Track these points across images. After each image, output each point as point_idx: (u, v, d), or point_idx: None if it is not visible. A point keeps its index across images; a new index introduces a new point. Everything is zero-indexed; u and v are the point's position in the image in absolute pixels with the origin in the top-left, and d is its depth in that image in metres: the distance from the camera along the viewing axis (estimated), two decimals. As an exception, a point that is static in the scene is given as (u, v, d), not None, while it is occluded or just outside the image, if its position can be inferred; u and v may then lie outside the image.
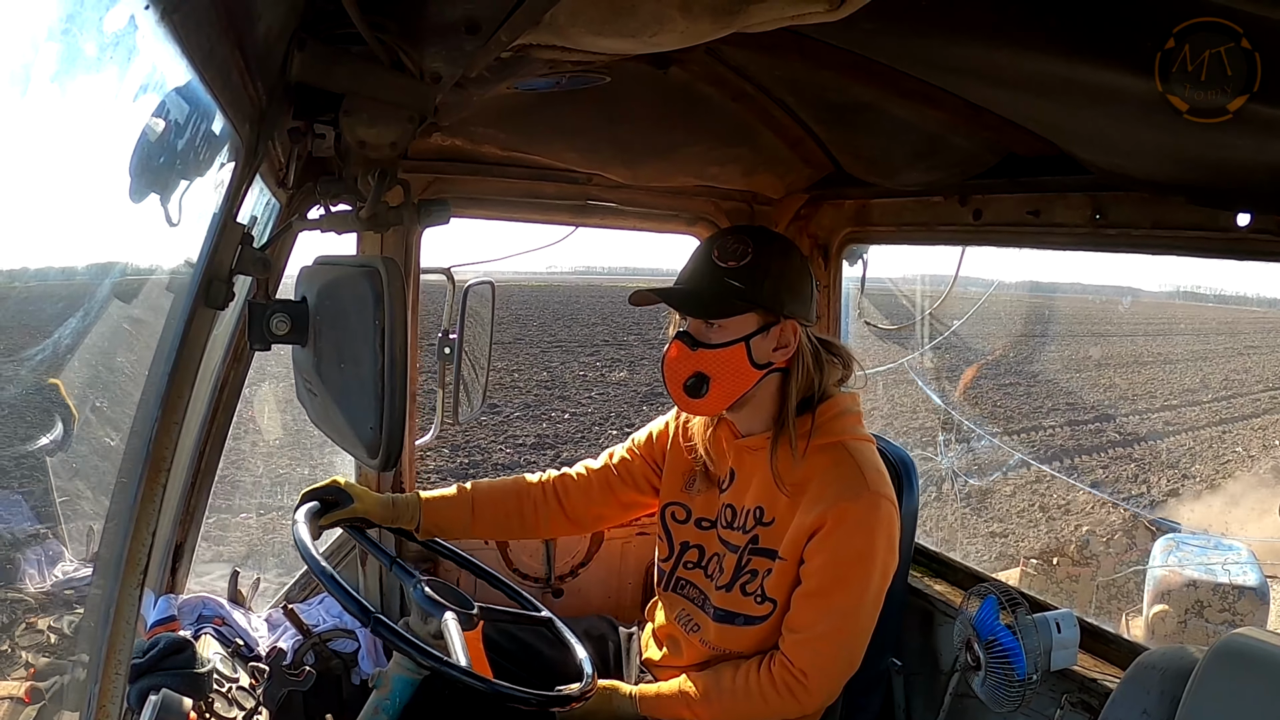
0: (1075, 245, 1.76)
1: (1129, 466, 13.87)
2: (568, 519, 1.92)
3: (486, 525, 1.87)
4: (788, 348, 1.63)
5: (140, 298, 1.33)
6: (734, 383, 1.62)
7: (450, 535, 1.84)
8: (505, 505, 1.88)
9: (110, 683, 0.94)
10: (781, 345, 1.63)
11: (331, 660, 1.92)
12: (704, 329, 1.62)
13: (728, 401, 1.65)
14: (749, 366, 1.61)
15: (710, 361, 1.61)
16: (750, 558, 1.68)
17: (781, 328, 1.62)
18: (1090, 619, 1.91)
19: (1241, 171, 1.25)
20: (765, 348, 1.62)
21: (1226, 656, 1.22)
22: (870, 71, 1.43)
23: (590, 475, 1.93)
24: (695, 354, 1.61)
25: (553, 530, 1.98)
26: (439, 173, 1.99)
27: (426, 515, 1.80)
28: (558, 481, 1.92)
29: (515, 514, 1.88)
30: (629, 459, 1.92)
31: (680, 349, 1.63)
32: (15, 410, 1.71)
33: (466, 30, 0.95)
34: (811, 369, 1.65)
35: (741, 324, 1.60)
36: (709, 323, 1.61)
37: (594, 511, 1.93)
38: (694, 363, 1.61)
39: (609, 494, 1.92)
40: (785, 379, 1.65)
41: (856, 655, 1.64)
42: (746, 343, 1.60)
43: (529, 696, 1.43)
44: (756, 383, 1.63)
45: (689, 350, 1.62)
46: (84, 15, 0.85)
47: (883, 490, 1.60)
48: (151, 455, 0.94)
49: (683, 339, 1.63)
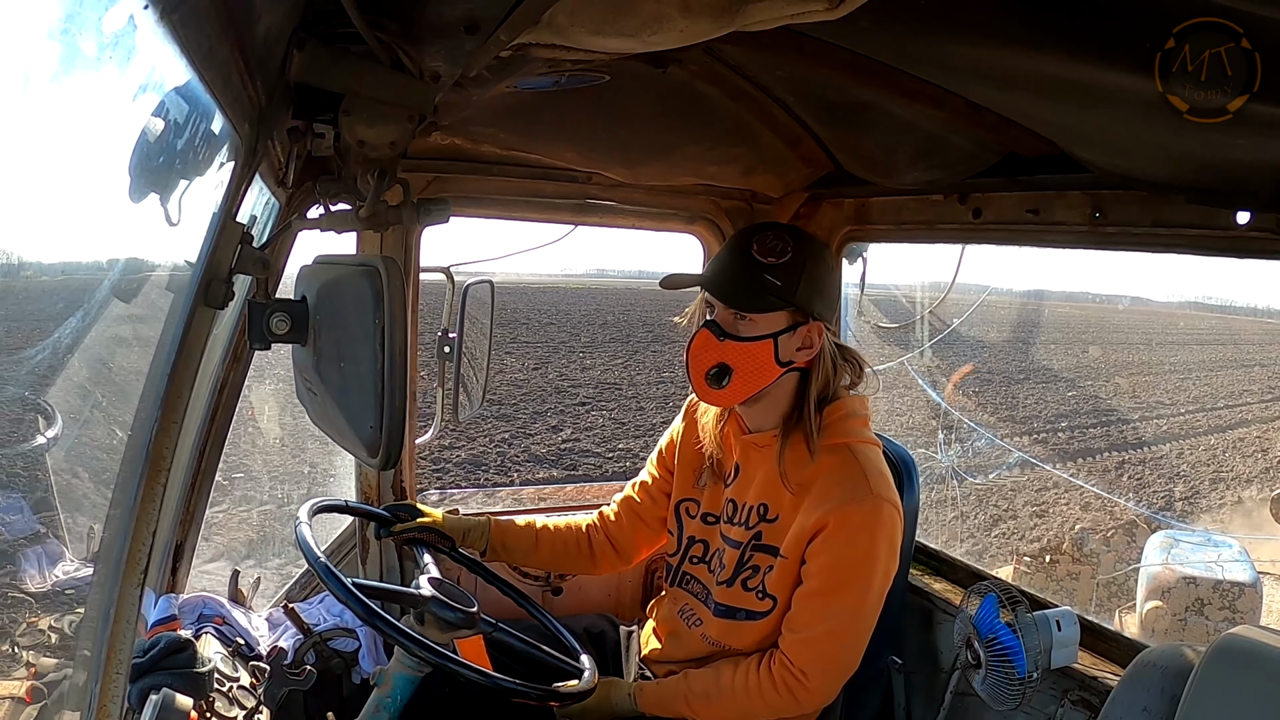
0: (1075, 244, 1.76)
1: (1134, 466, 13.92)
2: (618, 555, 1.99)
3: (546, 557, 1.96)
4: (811, 349, 1.63)
5: (140, 297, 1.33)
6: (756, 377, 1.62)
7: (511, 560, 1.95)
8: (567, 541, 1.96)
9: (111, 682, 0.94)
10: (806, 346, 1.63)
11: (332, 659, 1.92)
12: (733, 321, 1.62)
13: (746, 395, 1.65)
14: (773, 363, 1.61)
15: (736, 354, 1.61)
16: (753, 554, 1.69)
17: (809, 329, 1.62)
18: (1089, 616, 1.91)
19: (1241, 171, 1.25)
20: (791, 346, 1.62)
21: (1227, 654, 1.22)
22: (870, 70, 1.43)
23: (623, 511, 1.98)
24: (722, 344, 1.61)
25: (605, 567, 2.03)
26: (438, 172, 1.99)
27: (494, 537, 1.87)
28: (606, 524, 1.99)
29: (575, 550, 1.97)
30: (649, 481, 1.96)
31: (707, 338, 1.62)
32: (15, 409, 1.71)
33: (466, 29, 0.94)
34: (830, 371, 1.66)
35: (773, 320, 1.60)
36: (740, 315, 1.61)
37: (636, 541, 1.98)
38: (719, 353, 1.62)
39: (639, 523, 1.96)
40: (803, 379, 1.66)
41: (856, 656, 1.64)
42: (775, 339, 1.60)
43: (530, 691, 1.44)
44: (776, 379, 1.64)
45: (716, 340, 1.62)
46: (83, 15, 0.85)
47: (886, 494, 1.60)
48: (151, 455, 0.94)
49: (711, 328, 1.63)
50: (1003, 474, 11.89)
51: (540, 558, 1.95)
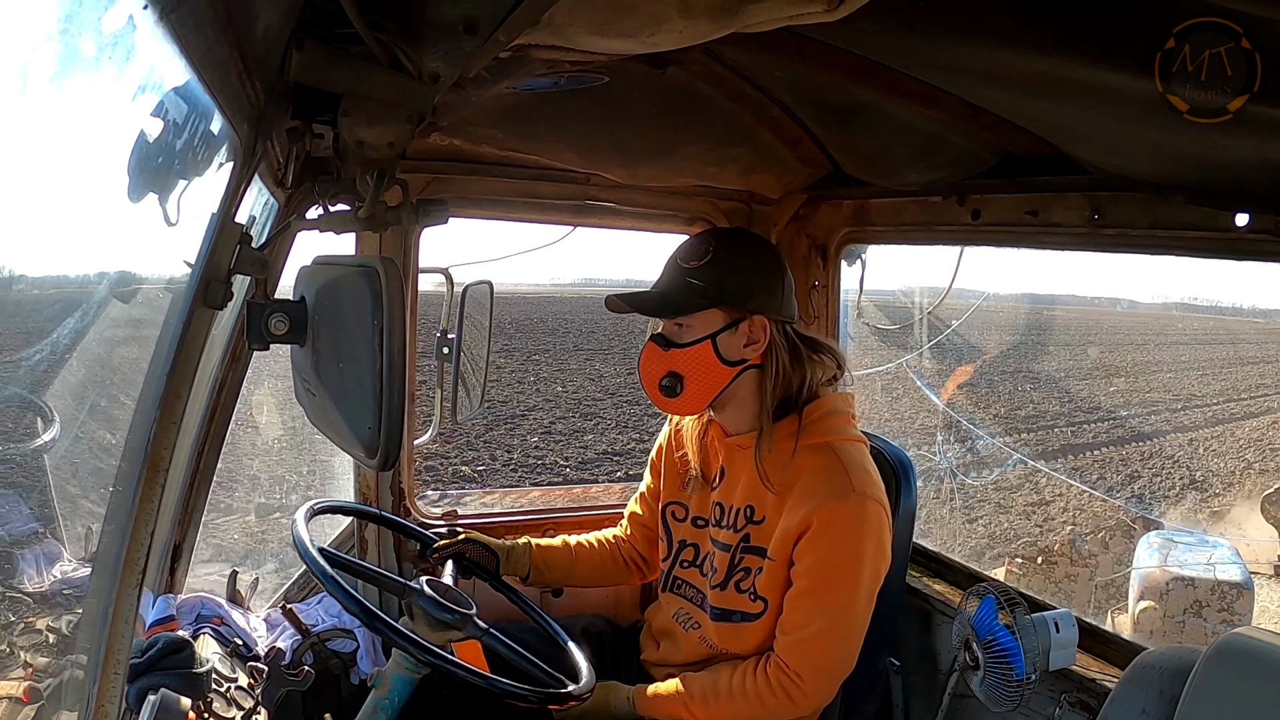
0: (1073, 245, 1.76)
1: (1130, 464, 13.94)
2: (645, 566, 2.02)
3: (584, 574, 1.98)
4: (758, 343, 1.64)
5: (138, 298, 1.32)
6: (707, 381, 1.64)
7: (553, 581, 1.97)
8: (603, 556, 1.99)
9: (109, 682, 0.94)
10: (751, 341, 1.64)
11: (330, 660, 1.92)
12: (674, 330, 1.66)
13: (704, 400, 1.67)
14: (719, 364, 1.63)
15: (682, 360, 1.64)
16: (743, 556, 1.69)
17: (750, 324, 1.63)
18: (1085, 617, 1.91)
19: (1240, 171, 1.25)
20: (734, 344, 1.64)
21: (1225, 656, 1.22)
22: (869, 71, 1.43)
23: (632, 525, 2.01)
24: (668, 354, 1.65)
25: (637, 579, 2.06)
26: (437, 173, 1.99)
27: (536, 558, 1.89)
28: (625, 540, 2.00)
29: (611, 564, 1.99)
30: (646, 493, 1.98)
31: (653, 350, 1.67)
32: (13, 410, 1.71)
33: (465, 30, 0.94)
34: (788, 365, 1.66)
35: (706, 321, 1.63)
36: (678, 323, 1.65)
37: (651, 553, 1.99)
38: (666, 363, 1.65)
39: (648, 533, 1.98)
40: (762, 375, 1.66)
41: (850, 656, 1.64)
42: (713, 340, 1.63)
43: (528, 694, 1.43)
44: (732, 380, 1.65)
45: (661, 351, 1.66)
46: (82, 15, 0.85)
47: (869, 491, 1.60)
48: (150, 455, 0.94)
49: (656, 341, 1.68)
50: (1004, 472, 11.93)
51: (580, 575, 1.97)
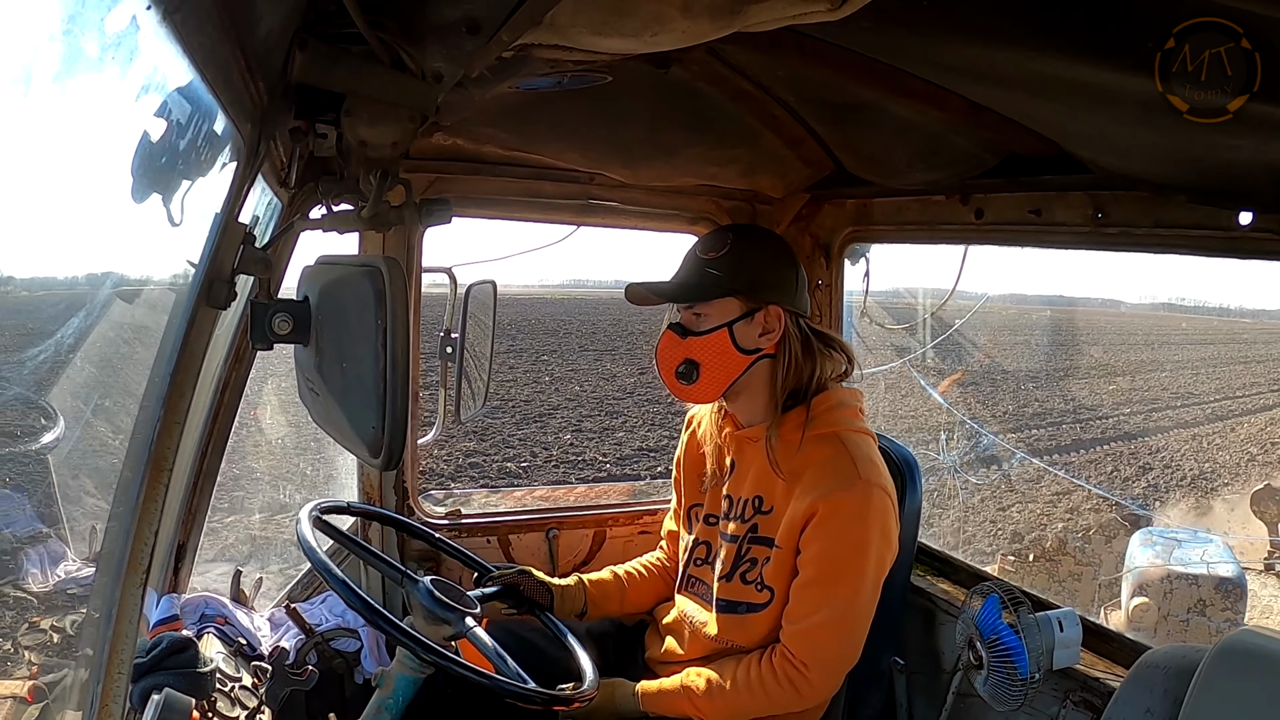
0: (1076, 244, 1.76)
1: (1124, 462, 13.96)
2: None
3: (637, 600, 1.98)
4: (773, 333, 1.69)
5: (142, 298, 1.33)
6: (723, 368, 1.68)
7: (606, 614, 1.96)
8: (654, 581, 2.00)
9: (113, 682, 0.94)
10: (766, 331, 1.69)
11: (334, 659, 1.92)
12: (692, 318, 1.70)
13: (720, 388, 1.71)
14: (735, 352, 1.68)
15: (699, 348, 1.69)
16: (750, 546, 1.71)
17: (765, 313, 1.68)
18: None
19: (1242, 171, 1.25)
20: (750, 334, 1.68)
21: (1230, 655, 1.22)
22: (871, 71, 1.43)
23: (669, 542, 2.02)
24: (685, 342, 1.70)
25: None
26: (440, 172, 1.99)
27: (591, 592, 1.91)
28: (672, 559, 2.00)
29: (663, 585, 1.99)
30: (676, 511, 1.99)
31: (671, 337, 1.72)
32: (17, 409, 1.72)
33: (467, 30, 0.94)
34: (800, 356, 1.70)
35: (723, 310, 1.68)
36: (695, 312, 1.69)
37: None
38: (684, 350, 1.70)
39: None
40: (775, 366, 1.70)
41: (856, 646, 1.65)
42: (730, 328, 1.67)
43: (533, 694, 1.44)
44: (746, 369, 1.69)
45: (679, 339, 1.71)
46: (85, 15, 0.86)
47: (876, 479, 1.62)
48: (154, 455, 0.94)
49: (674, 329, 1.72)
50: (1008, 470, 11.94)
51: (632, 602, 1.97)
